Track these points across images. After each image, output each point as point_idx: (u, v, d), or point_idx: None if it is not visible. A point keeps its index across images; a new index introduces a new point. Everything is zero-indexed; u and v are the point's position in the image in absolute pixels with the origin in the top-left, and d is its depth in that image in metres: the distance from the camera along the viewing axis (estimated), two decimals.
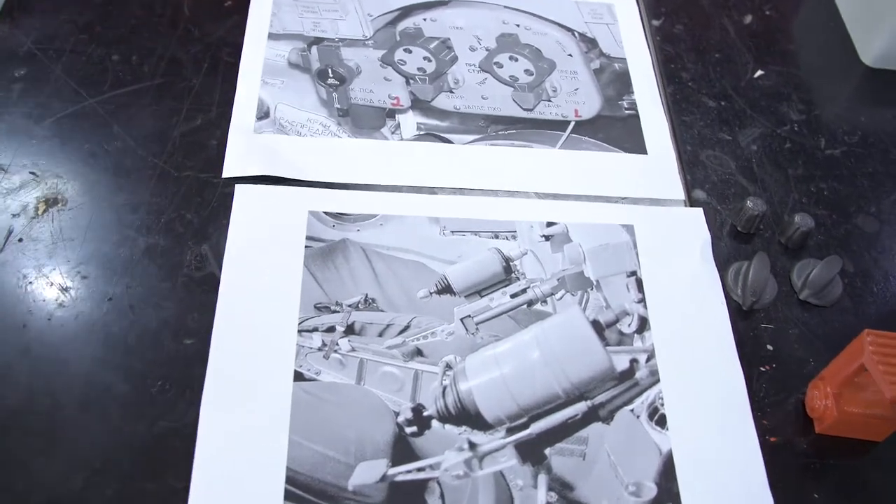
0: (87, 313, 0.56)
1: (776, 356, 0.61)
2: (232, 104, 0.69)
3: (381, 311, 0.59)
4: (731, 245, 0.66)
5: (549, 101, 0.72)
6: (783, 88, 0.78)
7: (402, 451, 0.53)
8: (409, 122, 0.69)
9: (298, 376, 0.55)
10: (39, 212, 0.61)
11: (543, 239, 0.64)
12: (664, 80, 0.76)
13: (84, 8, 0.74)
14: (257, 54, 0.71)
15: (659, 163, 0.70)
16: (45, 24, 0.72)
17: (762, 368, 0.60)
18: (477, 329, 0.59)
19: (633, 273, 0.63)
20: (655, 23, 0.81)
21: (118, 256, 0.59)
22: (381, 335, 0.58)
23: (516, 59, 0.74)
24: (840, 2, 0.85)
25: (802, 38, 0.82)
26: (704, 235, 0.65)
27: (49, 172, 0.63)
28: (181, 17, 0.74)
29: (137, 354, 0.55)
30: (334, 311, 0.58)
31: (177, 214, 0.62)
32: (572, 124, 0.71)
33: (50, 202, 0.62)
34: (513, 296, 0.61)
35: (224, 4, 0.76)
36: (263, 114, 0.68)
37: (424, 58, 0.73)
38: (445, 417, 0.55)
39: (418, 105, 0.70)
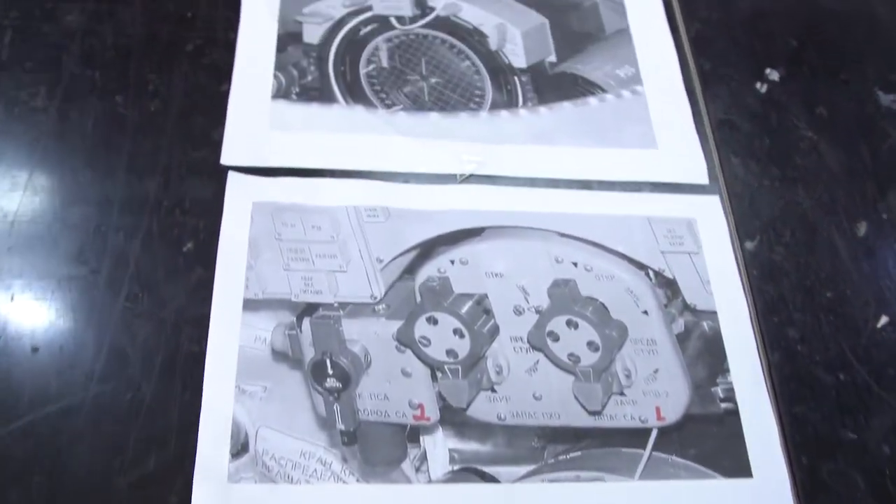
0: None
1: None
2: (196, 431, 0.50)
3: None
4: None
5: (622, 394, 0.54)
6: None
7: None
8: (439, 448, 0.51)
9: None
10: None
11: None
12: (767, 345, 0.58)
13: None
14: (230, 342, 0.53)
15: (769, 494, 0.52)
16: None
17: None
18: None
19: None
20: (749, 245, 0.62)
21: None
22: None
23: (576, 326, 0.56)
24: None
25: None
26: None
27: None
28: (124, 272, 0.55)
29: None
30: None
31: None
32: (654, 434, 0.54)
33: None
34: None
35: (182, 249, 0.56)
36: (240, 447, 0.50)
37: (455, 330, 0.55)
38: None
39: (450, 417, 0.52)
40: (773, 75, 0.72)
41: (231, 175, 0.59)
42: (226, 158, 0.60)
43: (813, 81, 0.73)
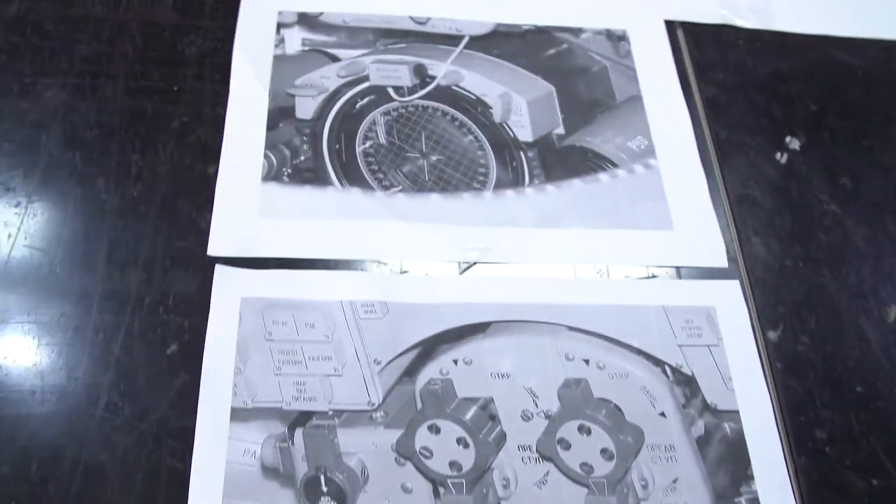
0: None
1: None
2: None
3: None
4: None
5: None
6: None
7: None
8: None
9: None
10: None
11: None
12: (793, 447, 0.55)
13: None
14: (216, 457, 0.49)
15: None
16: None
17: None
18: None
19: None
20: (772, 335, 0.58)
21: None
22: None
23: (589, 432, 0.52)
24: None
25: None
26: None
27: None
28: (103, 378, 0.51)
29: None
30: None
31: None
32: None
33: None
34: None
35: (165, 352, 0.52)
36: None
37: (459, 440, 0.51)
38: None
39: None
40: (794, 143, 0.69)
41: (218, 268, 0.56)
42: (213, 249, 0.56)
43: (835, 149, 0.69)
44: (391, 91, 0.65)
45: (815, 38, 0.76)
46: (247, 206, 0.58)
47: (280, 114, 0.63)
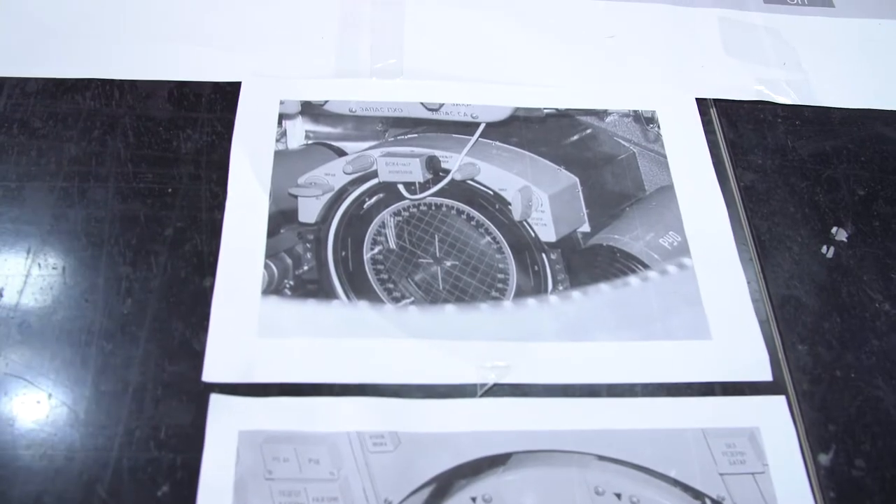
0: None
1: None
2: None
3: None
4: None
5: None
6: None
7: None
8: None
9: None
10: None
11: None
12: None
13: None
14: None
15: None
16: None
17: None
18: None
19: None
20: (823, 459, 0.54)
21: None
22: None
23: None
24: None
25: None
26: None
27: None
28: None
29: None
30: None
31: None
32: None
33: None
34: None
35: (156, 493, 0.49)
36: None
37: None
38: None
39: None
40: (840, 234, 0.65)
41: (213, 398, 0.53)
42: (208, 374, 0.54)
43: (886, 239, 0.65)
44: (402, 188, 0.62)
45: (861, 113, 0.73)
46: (245, 324, 0.55)
47: (281, 217, 0.60)
